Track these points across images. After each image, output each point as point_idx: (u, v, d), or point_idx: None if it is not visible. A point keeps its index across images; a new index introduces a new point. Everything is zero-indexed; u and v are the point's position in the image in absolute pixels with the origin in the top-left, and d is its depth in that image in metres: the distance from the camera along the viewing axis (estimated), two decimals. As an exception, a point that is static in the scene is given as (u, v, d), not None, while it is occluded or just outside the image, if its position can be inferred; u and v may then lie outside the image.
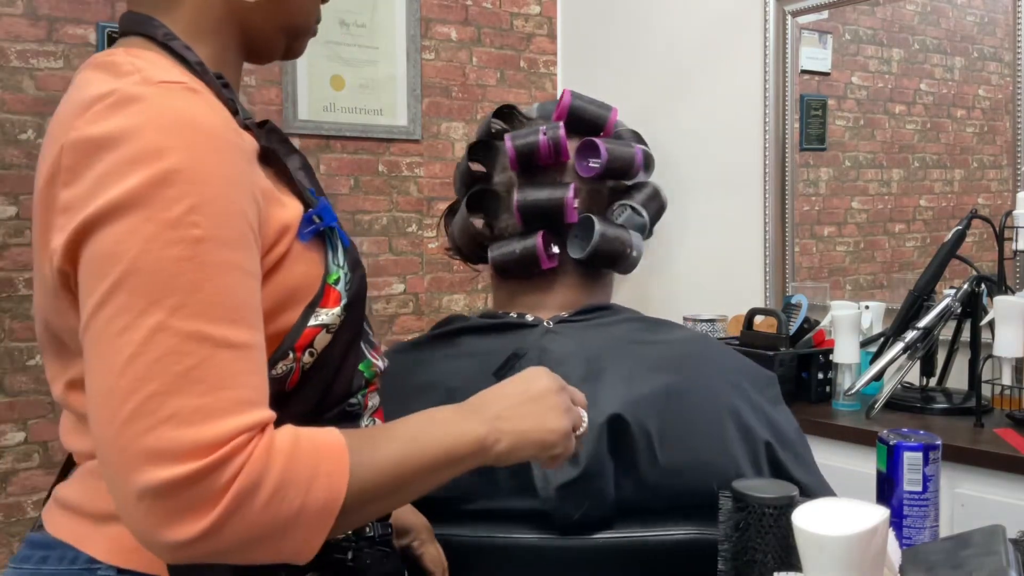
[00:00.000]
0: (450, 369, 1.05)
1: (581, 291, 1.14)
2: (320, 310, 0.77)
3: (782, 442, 1.05)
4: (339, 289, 0.78)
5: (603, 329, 1.08)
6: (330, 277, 0.78)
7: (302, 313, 0.76)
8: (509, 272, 1.12)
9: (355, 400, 0.84)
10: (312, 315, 0.77)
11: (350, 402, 0.84)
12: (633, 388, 0.99)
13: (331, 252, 0.79)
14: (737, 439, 1.00)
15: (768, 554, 0.92)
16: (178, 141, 0.66)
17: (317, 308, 0.77)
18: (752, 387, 1.07)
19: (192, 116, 0.68)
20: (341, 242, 0.81)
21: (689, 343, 1.10)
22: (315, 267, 0.77)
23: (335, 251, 0.80)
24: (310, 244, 0.77)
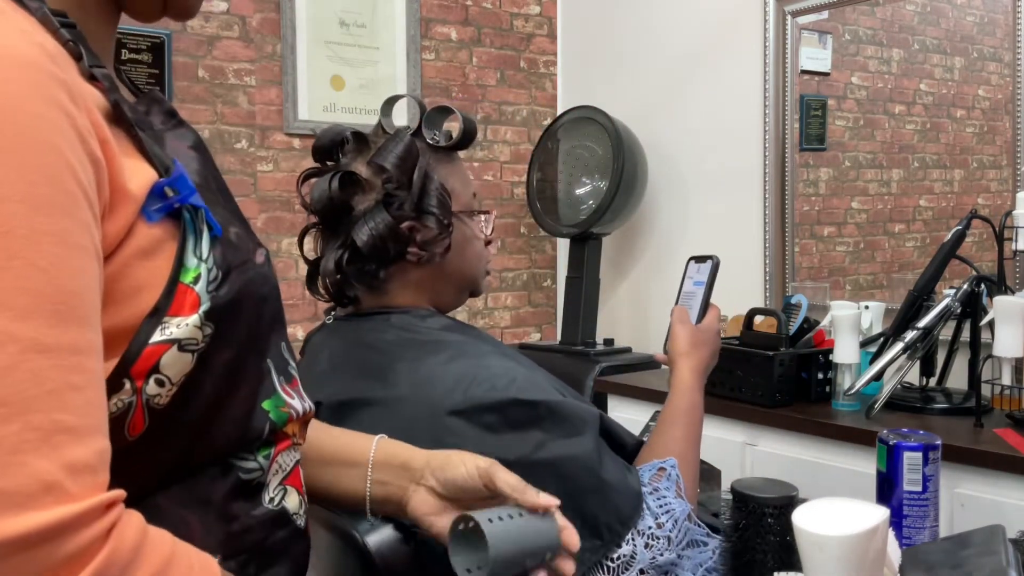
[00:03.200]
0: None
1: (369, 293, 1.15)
2: (169, 319, 0.57)
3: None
4: (197, 291, 0.59)
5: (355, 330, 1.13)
6: (184, 274, 0.58)
7: (142, 322, 0.56)
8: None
9: (252, 462, 0.66)
10: (157, 326, 0.57)
11: (241, 465, 0.65)
12: (339, 385, 1.06)
13: (191, 240, 0.60)
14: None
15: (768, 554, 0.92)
16: None
17: (164, 316, 0.57)
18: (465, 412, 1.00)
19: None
20: (209, 228, 0.61)
21: (410, 360, 1.06)
22: (161, 255, 0.58)
23: (197, 239, 0.60)
24: (160, 227, 0.58)
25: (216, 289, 0.60)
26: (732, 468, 1.83)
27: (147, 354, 0.56)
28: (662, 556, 0.98)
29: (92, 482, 0.49)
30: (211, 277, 0.60)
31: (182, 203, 0.60)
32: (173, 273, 0.58)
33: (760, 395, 1.83)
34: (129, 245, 0.56)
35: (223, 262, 0.61)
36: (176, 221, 0.60)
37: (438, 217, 1.12)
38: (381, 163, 1.10)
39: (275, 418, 0.67)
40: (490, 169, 3.03)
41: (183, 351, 0.57)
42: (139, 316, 0.57)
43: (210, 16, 2.47)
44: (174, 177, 0.60)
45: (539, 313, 3.16)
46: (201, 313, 0.58)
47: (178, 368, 0.58)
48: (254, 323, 0.65)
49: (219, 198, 0.68)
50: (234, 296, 0.61)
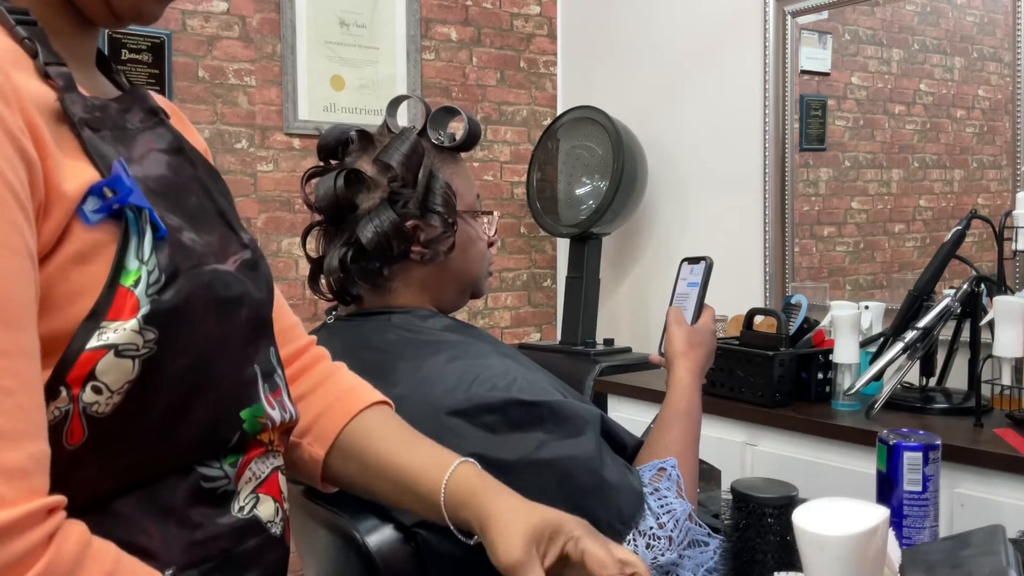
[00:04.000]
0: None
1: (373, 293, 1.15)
2: (107, 324, 0.55)
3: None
4: (137, 294, 0.57)
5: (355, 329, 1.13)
6: (125, 276, 0.57)
7: (79, 327, 0.55)
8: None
9: (216, 470, 0.64)
10: (95, 331, 0.55)
11: (203, 472, 0.63)
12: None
13: (134, 241, 0.58)
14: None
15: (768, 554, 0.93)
16: None
17: (102, 320, 0.55)
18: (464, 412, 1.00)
19: None
20: (155, 230, 0.59)
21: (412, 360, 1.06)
22: (99, 258, 0.57)
23: (140, 240, 0.58)
24: (100, 229, 0.57)
25: (158, 292, 0.58)
26: (732, 468, 1.83)
27: (83, 360, 0.54)
28: (663, 556, 0.98)
29: (27, 487, 0.48)
30: (151, 280, 0.58)
31: (121, 203, 0.58)
32: (112, 275, 0.56)
33: (760, 395, 1.83)
34: (65, 248, 0.55)
35: (169, 265, 0.59)
36: (118, 223, 0.58)
37: (443, 216, 1.12)
38: (387, 161, 1.10)
39: (248, 428, 0.66)
40: (490, 169, 3.03)
41: (120, 357, 0.55)
42: (76, 321, 0.55)
43: (210, 16, 2.47)
44: (112, 178, 0.58)
45: (539, 313, 3.16)
46: (140, 317, 0.56)
47: (117, 375, 0.56)
48: (216, 328, 0.62)
49: (188, 202, 0.67)
50: (180, 300, 0.59)
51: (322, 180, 1.12)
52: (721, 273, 1.24)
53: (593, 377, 2.42)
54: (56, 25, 0.64)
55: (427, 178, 1.12)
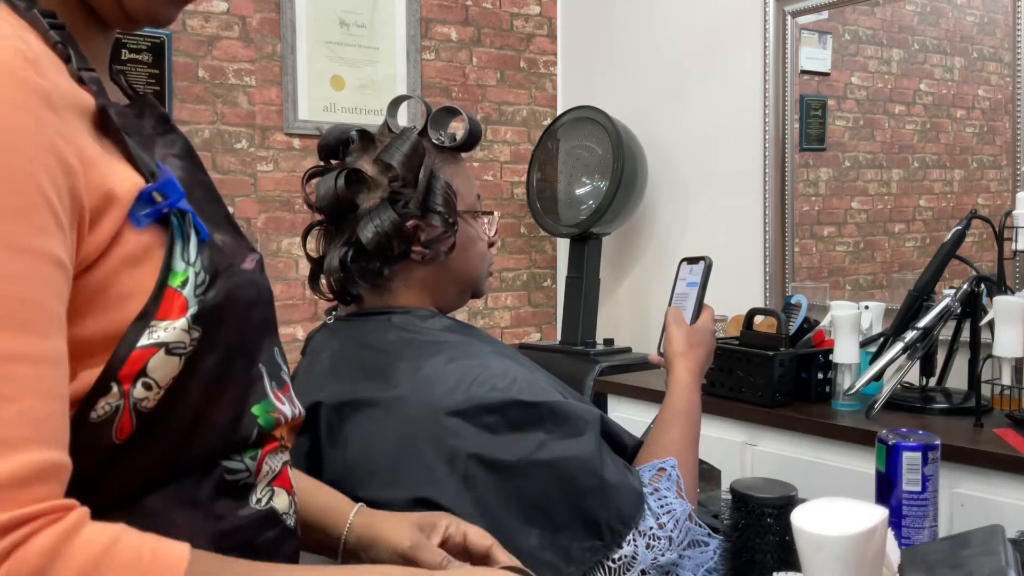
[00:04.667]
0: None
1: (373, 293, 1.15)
2: (157, 323, 0.57)
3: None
4: (185, 294, 0.59)
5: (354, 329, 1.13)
6: (172, 278, 0.59)
7: (129, 326, 0.56)
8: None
9: (238, 463, 0.66)
10: (145, 330, 0.57)
11: (227, 466, 0.65)
12: (340, 385, 1.05)
13: (179, 244, 0.60)
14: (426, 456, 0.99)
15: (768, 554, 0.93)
16: None
17: (152, 320, 0.57)
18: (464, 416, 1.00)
19: None
20: (197, 232, 0.62)
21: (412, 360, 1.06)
22: (149, 261, 0.59)
23: (185, 243, 0.60)
24: (148, 232, 0.59)
25: (204, 293, 0.60)
26: (732, 468, 1.83)
27: (134, 358, 0.56)
28: (663, 556, 0.98)
29: (17, 499, 0.47)
30: (199, 281, 0.60)
31: (171, 208, 0.60)
32: (161, 277, 0.58)
33: (760, 395, 1.83)
34: (117, 251, 0.56)
35: (210, 266, 0.62)
36: (163, 226, 0.60)
37: (443, 216, 1.12)
38: (388, 161, 1.10)
39: (263, 423, 0.67)
40: (490, 169, 3.03)
41: (170, 355, 0.58)
42: (127, 321, 0.56)
43: (210, 16, 2.47)
44: (162, 182, 0.60)
45: (539, 313, 3.16)
46: (189, 317, 0.58)
47: (165, 372, 0.58)
48: (242, 327, 0.64)
49: (205, 205, 0.69)
50: (221, 300, 0.61)
51: (322, 180, 1.12)
52: (721, 273, 1.24)
53: (593, 377, 2.42)
54: (76, 28, 0.65)
55: (428, 178, 1.12)
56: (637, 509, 1.00)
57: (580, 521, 0.96)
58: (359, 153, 1.15)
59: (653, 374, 2.28)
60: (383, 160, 1.10)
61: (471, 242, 1.18)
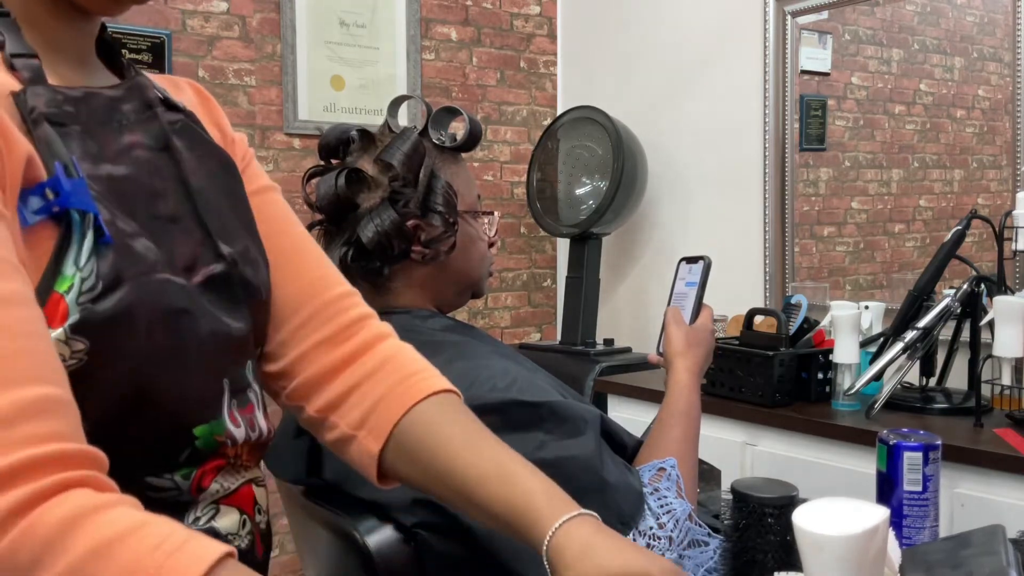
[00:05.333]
0: None
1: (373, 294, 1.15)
2: None
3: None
4: (68, 301, 0.54)
5: None
6: (60, 282, 0.54)
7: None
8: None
9: (165, 480, 0.62)
10: None
11: (150, 482, 0.61)
12: None
13: (74, 247, 0.56)
14: None
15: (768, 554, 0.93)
16: None
17: None
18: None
19: None
20: (98, 233, 0.57)
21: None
22: (35, 264, 0.55)
23: (79, 246, 0.56)
24: (38, 231, 0.55)
25: (92, 301, 0.55)
26: (732, 468, 1.83)
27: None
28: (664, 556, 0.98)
29: (11, 439, 0.45)
30: (85, 287, 0.55)
31: (62, 206, 0.55)
32: (45, 280, 0.54)
33: (760, 395, 1.83)
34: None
35: (110, 272, 0.57)
36: (60, 225, 0.55)
37: (443, 216, 1.12)
38: (388, 160, 1.10)
39: (201, 445, 0.63)
40: (490, 169, 3.03)
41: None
42: None
43: (210, 16, 2.47)
44: (52, 179, 0.56)
45: (539, 313, 3.16)
46: (67, 327, 0.54)
47: None
48: (164, 340, 0.60)
49: (161, 204, 0.65)
50: (122, 310, 0.56)
51: (323, 179, 1.12)
52: (721, 273, 1.24)
53: (593, 377, 2.42)
54: (37, 15, 0.64)
55: (428, 178, 1.12)
56: (637, 509, 1.00)
57: None
58: (359, 153, 1.15)
59: (653, 374, 2.27)
60: (383, 160, 1.10)
61: (471, 242, 1.18)
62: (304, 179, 1.15)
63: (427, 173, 1.12)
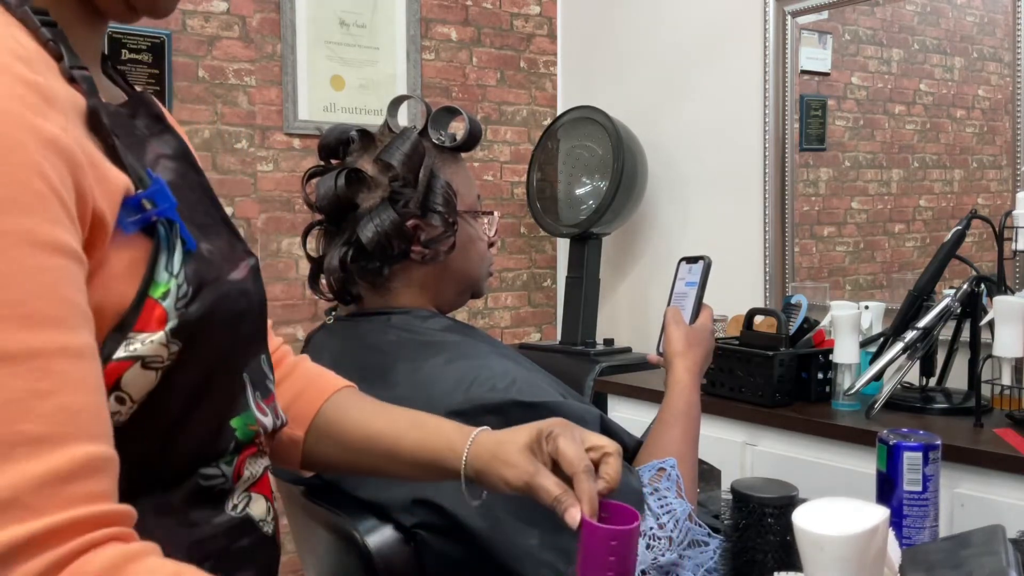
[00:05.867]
0: None
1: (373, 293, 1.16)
2: (133, 335, 0.55)
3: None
4: (165, 306, 0.56)
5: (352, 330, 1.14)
6: (155, 289, 0.57)
7: (107, 337, 0.54)
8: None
9: (214, 469, 0.65)
10: (122, 342, 0.55)
11: (203, 472, 0.64)
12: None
13: (164, 254, 0.58)
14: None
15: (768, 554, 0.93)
16: None
17: (129, 332, 0.55)
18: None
19: None
20: (183, 243, 0.59)
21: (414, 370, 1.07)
22: (133, 273, 0.56)
23: (170, 254, 0.58)
24: (133, 240, 0.57)
25: (186, 306, 0.58)
26: (732, 468, 1.83)
27: (109, 370, 0.54)
28: (664, 556, 0.98)
29: (63, 496, 0.45)
30: (180, 293, 0.58)
31: (159, 216, 0.58)
32: (142, 287, 0.56)
33: (760, 395, 1.83)
34: (109, 266, 0.54)
35: (195, 278, 0.59)
36: (148, 235, 0.58)
37: (443, 216, 1.12)
38: (388, 160, 1.10)
39: (241, 436, 0.66)
40: (490, 169, 3.03)
41: (146, 368, 0.55)
42: (105, 331, 0.54)
43: (210, 16, 2.47)
44: (152, 189, 0.58)
45: (539, 313, 3.16)
46: (167, 330, 0.56)
47: (140, 385, 0.56)
48: (227, 341, 0.62)
49: (197, 211, 0.67)
50: (204, 314, 0.59)
51: (323, 179, 1.12)
52: (721, 273, 1.24)
53: (593, 377, 2.42)
54: (68, 23, 0.63)
55: (428, 178, 1.12)
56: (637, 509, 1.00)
57: None
58: (359, 153, 1.15)
59: (653, 374, 2.27)
60: (383, 160, 1.10)
61: (471, 242, 1.18)
62: (304, 179, 1.15)
63: (427, 173, 1.12)
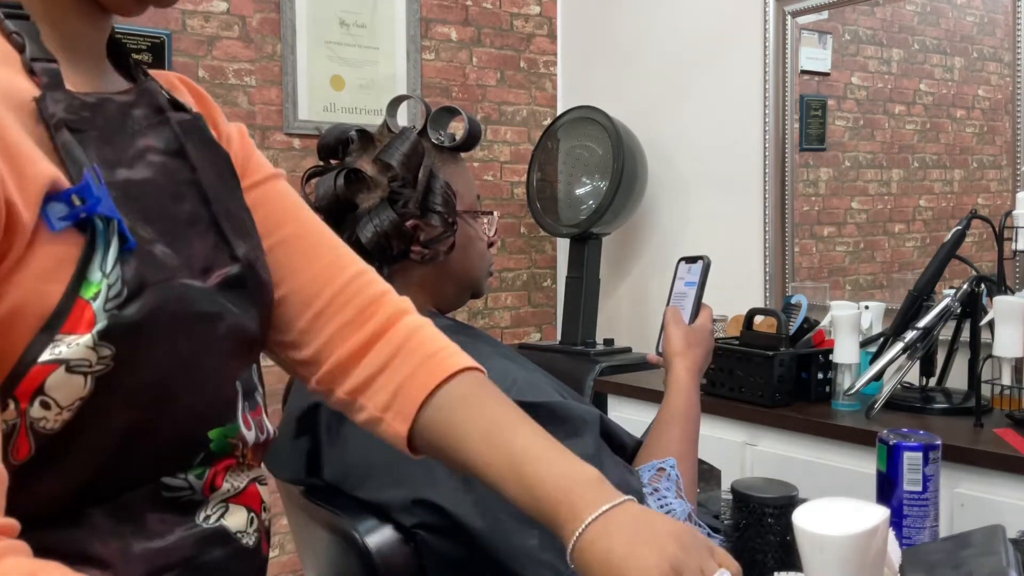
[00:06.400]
0: None
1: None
2: (61, 337, 0.53)
3: None
4: (94, 308, 0.54)
5: None
6: (85, 288, 0.54)
7: (33, 338, 0.52)
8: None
9: (180, 480, 0.63)
10: (48, 343, 0.52)
11: (165, 482, 0.62)
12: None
13: (99, 253, 0.55)
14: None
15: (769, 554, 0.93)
16: None
17: (56, 334, 0.53)
18: None
19: None
20: (122, 241, 0.57)
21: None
22: (61, 270, 0.54)
23: (104, 252, 0.55)
24: (63, 237, 0.54)
25: (119, 307, 0.55)
26: (732, 468, 1.83)
27: (33, 374, 0.52)
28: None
29: None
30: (112, 294, 0.55)
31: (89, 212, 0.55)
32: (71, 286, 0.53)
33: (760, 395, 1.83)
34: (30, 263, 0.52)
35: (135, 279, 0.57)
36: (83, 232, 0.55)
37: (443, 216, 1.12)
38: (387, 160, 1.10)
39: (215, 448, 0.64)
40: (490, 169, 3.03)
41: (72, 373, 0.53)
42: (28, 332, 0.52)
43: (210, 16, 2.47)
44: (80, 185, 0.55)
45: (539, 313, 3.16)
46: (95, 333, 0.53)
47: (67, 392, 0.53)
48: (185, 345, 0.60)
49: (172, 210, 0.65)
50: (145, 315, 0.56)
51: (322, 180, 1.12)
52: (721, 273, 1.24)
53: (593, 377, 2.42)
54: (59, 17, 0.63)
55: (427, 178, 1.12)
56: None
57: None
58: (359, 153, 1.15)
59: (653, 374, 2.27)
60: (383, 160, 1.10)
61: (471, 242, 1.18)
62: (303, 179, 1.15)
63: (426, 173, 1.12)
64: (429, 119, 1.18)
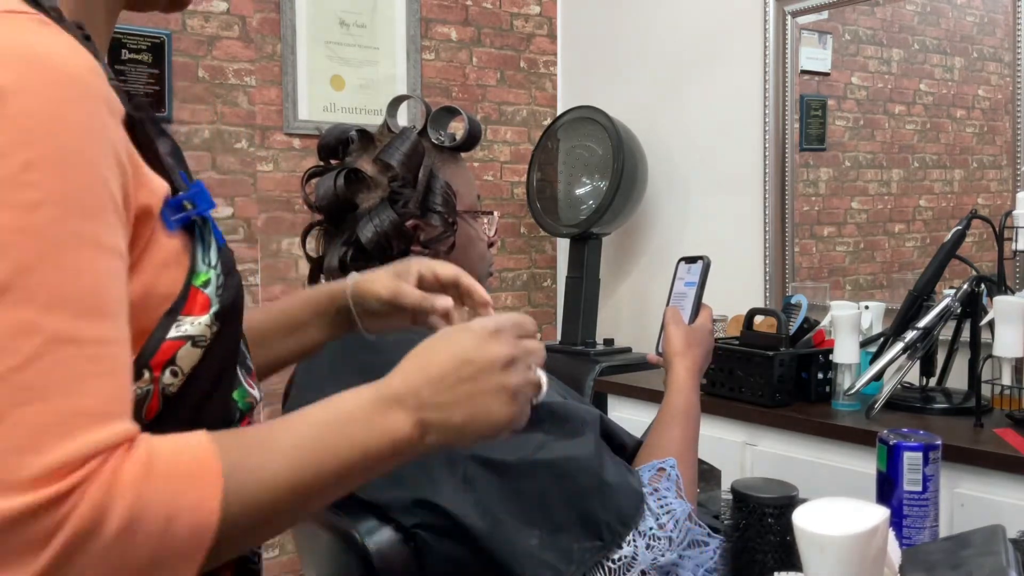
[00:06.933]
0: None
1: None
2: (183, 318, 0.63)
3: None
4: (207, 293, 0.65)
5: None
6: (196, 278, 0.65)
7: (160, 321, 0.62)
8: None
9: None
10: (173, 324, 0.63)
11: None
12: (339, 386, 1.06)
13: (201, 249, 0.66)
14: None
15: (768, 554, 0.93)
16: (15, 77, 0.52)
17: (179, 315, 0.63)
18: None
19: (42, 51, 0.54)
20: (215, 239, 0.68)
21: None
22: (179, 264, 0.64)
23: (206, 248, 0.66)
24: (175, 236, 0.64)
25: (219, 292, 0.66)
26: (732, 468, 1.83)
27: (164, 348, 0.62)
28: (663, 557, 0.98)
29: (115, 441, 0.53)
30: (219, 282, 0.66)
31: (199, 215, 0.65)
32: (187, 278, 0.64)
33: (760, 395, 1.83)
34: (153, 255, 0.62)
35: (224, 269, 0.68)
36: (188, 230, 0.65)
37: (443, 216, 1.12)
38: (387, 160, 1.10)
39: (242, 407, 0.72)
40: (490, 169, 3.03)
41: (195, 346, 0.64)
42: (155, 314, 0.63)
43: (210, 16, 2.47)
44: (193, 191, 0.65)
45: (539, 313, 3.16)
46: (212, 313, 0.65)
47: (189, 360, 0.64)
48: (236, 321, 0.70)
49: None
50: (233, 298, 0.68)
51: (322, 180, 1.12)
52: (721, 273, 1.24)
53: (593, 377, 2.42)
54: (98, 16, 0.68)
55: (427, 178, 1.12)
56: (637, 510, 0.99)
57: (580, 522, 0.96)
58: (359, 153, 1.15)
59: (653, 374, 2.27)
60: (383, 160, 1.10)
61: (471, 242, 1.18)
62: (303, 179, 1.15)
63: (426, 173, 1.12)
64: (429, 119, 1.18)
